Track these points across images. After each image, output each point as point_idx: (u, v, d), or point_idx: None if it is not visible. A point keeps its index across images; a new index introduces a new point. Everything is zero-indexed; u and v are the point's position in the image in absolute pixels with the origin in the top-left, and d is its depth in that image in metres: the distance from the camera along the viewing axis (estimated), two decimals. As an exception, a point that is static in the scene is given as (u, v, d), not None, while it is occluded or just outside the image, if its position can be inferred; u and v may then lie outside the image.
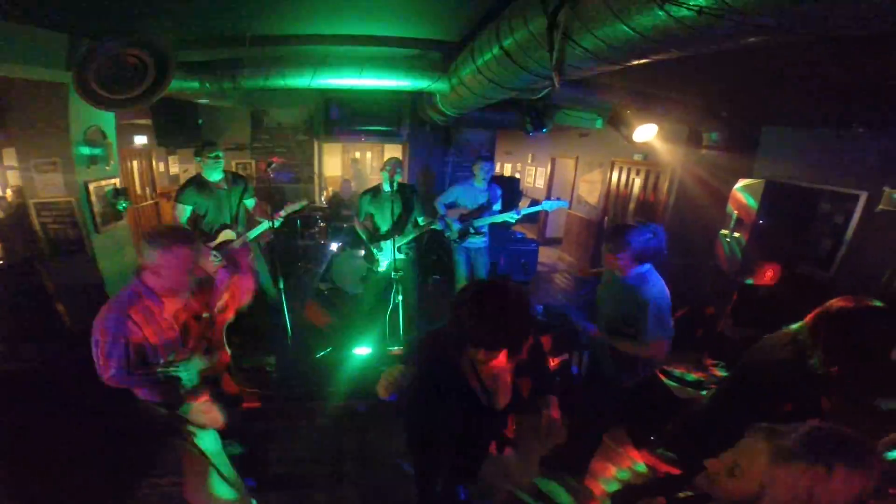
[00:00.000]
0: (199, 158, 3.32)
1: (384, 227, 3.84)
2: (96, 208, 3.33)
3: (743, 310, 3.50)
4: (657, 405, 2.92)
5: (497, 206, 4.19)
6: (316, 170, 6.94)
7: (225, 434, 2.23)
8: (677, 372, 3.14)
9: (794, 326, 1.78)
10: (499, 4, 2.32)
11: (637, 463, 2.82)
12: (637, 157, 5.72)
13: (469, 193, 4.19)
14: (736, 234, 3.53)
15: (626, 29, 1.49)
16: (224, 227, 3.45)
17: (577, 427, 2.62)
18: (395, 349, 3.82)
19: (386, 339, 3.91)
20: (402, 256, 3.76)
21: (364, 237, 4.00)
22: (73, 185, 3.21)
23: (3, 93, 3.18)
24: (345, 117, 6.43)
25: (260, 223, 3.52)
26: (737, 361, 2.05)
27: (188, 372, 1.81)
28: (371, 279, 4.06)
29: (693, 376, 3.12)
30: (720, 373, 3.15)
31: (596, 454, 2.73)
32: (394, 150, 7.75)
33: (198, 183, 3.37)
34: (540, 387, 1.79)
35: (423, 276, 5.51)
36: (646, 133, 3.82)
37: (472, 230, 4.14)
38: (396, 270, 3.67)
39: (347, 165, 12.29)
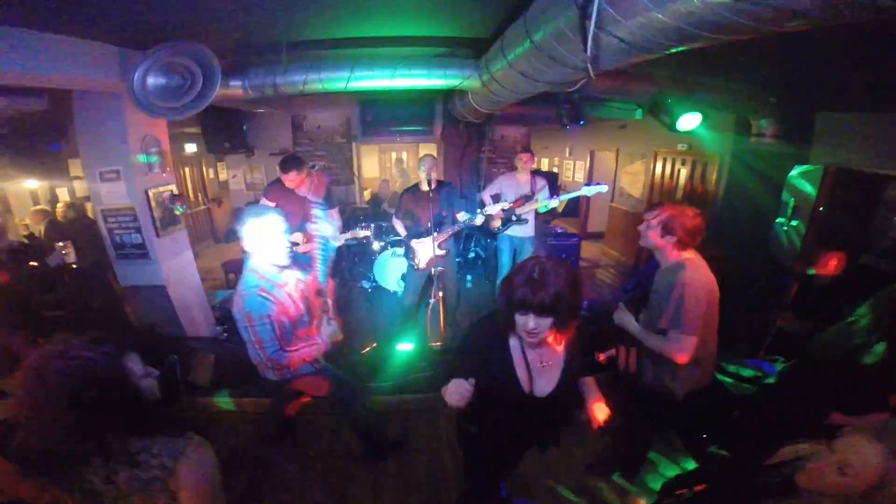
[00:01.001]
0: (290, 171, 3.56)
1: (423, 224, 3.88)
2: (156, 213, 3.54)
3: (803, 302, 3.29)
4: (711, 403, 2.81)
5: (542, 196, 4.20)
6: (355, 171, 7.10)
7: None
8: (732, 367, 3.00)
9: (854, 317, 1.69)
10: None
11: (686, 460, 2.73)
12: (681, 146, 5.50)
13: (511, 184, 4.29)
14: (794, 223, 3.32)
15: (662, 17, 1.44)
16: (294, 230, 3.65)
17: (628, 428, 2.55)
18: (436, 344, 3.86)
19: (427, 334, 3.95)
20: (441, 253, 3.79)
21: (402, 234, 4.06)
22: (134, 192, 3.42)
23: (68, 105, 3.43)
24: (380, 119, 6.57)
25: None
26: (795, 356, 1.95)
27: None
28: (411, 276, 4.12)
29: (750, 371, 2.97)
30: (777, 367, 2.98)
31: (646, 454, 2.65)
32: (428, 149, 7.81)
33: (280, 186, 3.69)
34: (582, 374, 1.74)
35: (461, 272, 5.53)
36: (689, 122, 3.68)
37: (514, 217, 4.18)
38: (436, 267, 3.70)
39: (385, 166, 12.52)
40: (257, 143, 6.57)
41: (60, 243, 4.02)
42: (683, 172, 5.64)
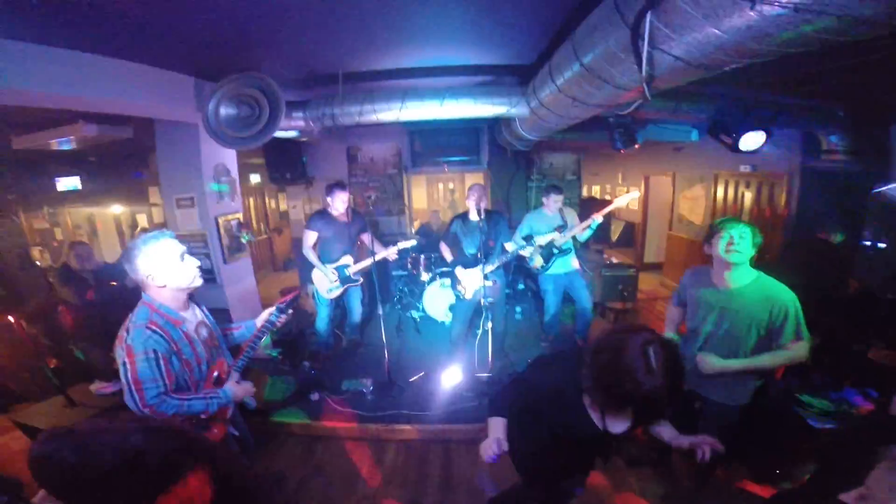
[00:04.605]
0: (331, 195, 3.86)
1: (471, 253, 3.85)
2: (224, 240, 3.77)
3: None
4: (786, 435, 2.57)
5: (575, 221, 4.15)
6: (406, 202, 7.28)
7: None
8: (804, 397, 2.69)
9: None
10: (575, 17, 2.28)
11: (754, 497, 2.51)
12: (744, 168, 5.23)
13: (541, 221, 4.17)
14: (881, 245, 3.01)
15: (718, 32, 1.41)
16: (343, 253, 3.95)
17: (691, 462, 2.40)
18: (483, 375, 3.77)
19: (475, 366, 3.87)
20: (490, 283, 3.74)
21: (448, 259, 4.06)
22: (206, 219, 3.67)
23: (149, 135, 3.76)
24: (428, 149, 6.75)
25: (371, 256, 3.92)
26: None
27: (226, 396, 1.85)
28: (459, 306, 4.08)
29: (825, 403, 2.65)
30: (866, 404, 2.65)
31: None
32: (475, 179, 7.88)
33: (323, 214, 3.93)
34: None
35: (510, 304, 5.42)
36: (753, 141, 3.49)
37: (555, 251, 4.04)
38: (486, 298, 3.66)
39: (433, 197, 12.78)
40: (316, 175, 6.92)
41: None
42: (748, 195, 5.33)
